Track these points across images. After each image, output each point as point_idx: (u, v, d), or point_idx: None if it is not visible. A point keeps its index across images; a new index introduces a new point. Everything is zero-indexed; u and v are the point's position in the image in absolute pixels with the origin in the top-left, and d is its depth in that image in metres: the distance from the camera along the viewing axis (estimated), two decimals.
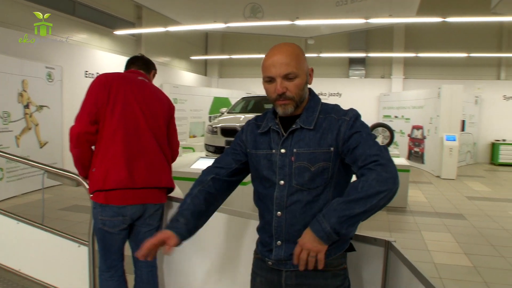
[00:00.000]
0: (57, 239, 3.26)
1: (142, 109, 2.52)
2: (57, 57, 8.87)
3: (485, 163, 14.46)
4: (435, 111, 11.36)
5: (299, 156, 1.61)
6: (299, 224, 1.60)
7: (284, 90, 1.58)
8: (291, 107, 1.62)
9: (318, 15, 10.08)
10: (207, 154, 7.77)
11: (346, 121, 1.59)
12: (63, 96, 8.79)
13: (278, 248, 1.66)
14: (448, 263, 4.63)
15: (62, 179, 3.03)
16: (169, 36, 14.41)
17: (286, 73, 1.57)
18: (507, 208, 7.38)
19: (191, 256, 2.69)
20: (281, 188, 1.63)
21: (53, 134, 8.49)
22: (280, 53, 1.59)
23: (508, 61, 14.93)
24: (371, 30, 14.92)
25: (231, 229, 2.47)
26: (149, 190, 2.50)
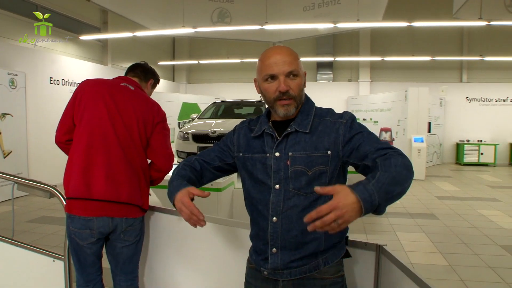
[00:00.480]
0: (30, 254, 3.06)
1: (112, 118, 2.36)
2: (20, 63, 8.53)
3: (451, 163, 14.86)
4: (402, 114, 11.58)
5: (295, 160, 1.56)
6: (296, 230, 1.55)
7: (287, 88, 1.54)
8: (293, 107, 1.58)
9: (286, 19, 10.13)
10: (178, 160, 7.63)
11: (343, 123, 1.57)
12: (27, 103, 8.45)
13: (273, 256, 1.60)
14: (426, 263, 4.68)
15: (34, 190, 2.86)
16: (136, 42, 14.18)
17: (290, 71, 1.55)
18: (475, 207, 7.56)
19: (174, 267, 2.58)
20: (277, 192, 1.58)
21: (17, 143, 8.14)
22: (282, 52, 1.57)
23: (469, 64, 15.44)
24: (338, 34, 15.14)
25: (216, 238, 2.39)
26: (115, 204, 2.31)
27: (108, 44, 12.83)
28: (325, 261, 1.58)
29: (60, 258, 2.86)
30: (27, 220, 6.31)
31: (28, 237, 5.41)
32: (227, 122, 7.79)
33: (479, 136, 14.60)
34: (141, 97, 2.57)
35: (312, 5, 10.30)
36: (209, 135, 7.35)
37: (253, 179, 1.67)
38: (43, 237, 5.45)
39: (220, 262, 2.38)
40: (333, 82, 16.59)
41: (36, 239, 5.35)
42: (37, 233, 5.68)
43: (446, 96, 14.77)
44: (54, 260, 2.90)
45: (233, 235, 2.27)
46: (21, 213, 6.72)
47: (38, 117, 8.58)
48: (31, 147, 8.42)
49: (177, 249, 2.59)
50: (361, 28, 12.58)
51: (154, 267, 2.72)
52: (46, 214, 6.59)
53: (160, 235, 2.68)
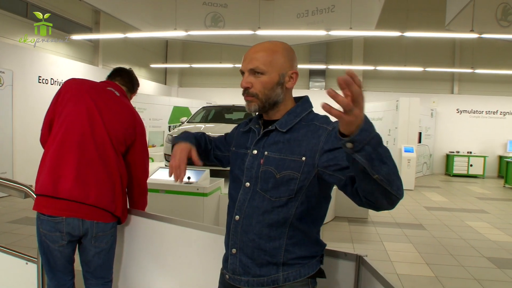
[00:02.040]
0: (2, 257, 2.96)
1: (91, 118, 2.29)
2: (8, 61, 8.38)
3: (440, 174, 14.89)
4: (393, 123, 11.59)
5: (268, 160, 1.48)
6: (252, 233, 1.48)
7: (248, 85, 1.49)
8: (255, 105, 1.51)
9: (279, 25, 10.12)
10: (166, 164, 7.53)
11: (327, 130, 1.44)
12: (14, 102, 8.31)
13: (233, 256, 1.53)
14: (411, 274, 4.62)
15: (8, 190, 2.78)
16: (128, 43, 14.08)
17: (252, 68, 1.48)
18: (463, 218, 7.54)
19: (151, 273, 2.50)
20: (246, 190, 1.52)
21: (2, 142, 7.99)
22: (256, 47, 1.52)
23: (460, 76, 15.53)
24: (331, 42, 15.18)
25: (195, 244, 2.31)
26: (83, 206, 2.21)
27: (99, 45, 12.72)
28: (286, 277, 1.47)
29: (33, 260, 2.77)
30: (9, 221, 6.18)
31: (8, 238, 5.29)
32: (217, 127, 7.71)
33: (469, 148, 14.66)
34: (126, 105, 2.52)
35: (305, 12, 10.31)
36: None
37: (232, 175, 1.63)
38: (25, 238, 5.33)
39: (198, 268, 2.30)
40: (325, 90, 16.55)
41: (16, 240, 5.23)
42: (18, 234, 5.55)
43: (437, 107, 14.84)
44: (27, 262, 2.81)
45: (213, 242, 2.18)
46: (4, 214, 6.59)
47: (25, 116, 8.43)
48: (17, 147, 8.28)
49: (154, 254, 2.51)
50: (354, 37, 12.60)
51: (130, 272, 2.63)
52: (29, 215, 6.45)
53: (137, 240, 2.60)
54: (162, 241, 2.47)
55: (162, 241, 2.47)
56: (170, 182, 5.27)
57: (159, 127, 13.60)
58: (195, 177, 5.30)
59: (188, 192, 5.08)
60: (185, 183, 5.13)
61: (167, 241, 2.45)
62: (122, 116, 2.43)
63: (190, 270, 2.33)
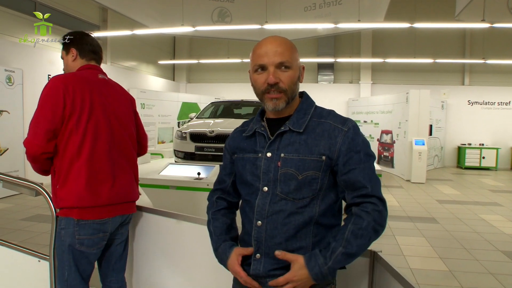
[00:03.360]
0: (14, 254, 2.96)
1: (110, 122, 2.26)
2: (18, 60, 8.45)
3: (452, 166, 14.74)
4: (403, 116, 11.48)
5: (286, 162, 1.44)
6: (280, 237, 1.45)
7: (277, 80, 1.43)
8: (282, 102, 1.46)
9: (287, 19, 10.05)
10: (176, 160, 7.53)
11: (344, 131, 1.45)
12: (24, 100, 8.38)
13: (256, 262, 1.50)
14: (424, 268, 4.57)
15: (20, 188, 2.77)
16: (135, 40, 14.10)
17: (281, 61, 1.43)
18: (476, 211, 7.45)
19: (163, 270, 2.49)
20: (264, 195, 1.48)
21: (13, 141, 8.05)
22: (275, 41, 1.46)
23: (471, 67, 15.32)
24: (339, 35, 15.07)
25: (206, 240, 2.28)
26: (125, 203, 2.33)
27: (107, 42, 12.74)
28: None
29: (45, 258, 2.76)
30: (21, 218, 6.23)
31: (20, 235, 5.34)
32: (226, 122, 7.68)
33: (481, 140, 14.48)
34: (118, 86, 2.50)
35: (313, 5, 10.22)
36: (207, 135, 7.24)
37: (243, 181, 1.58)
38: (37, 236, 5.37)
39: (210, 264, 2.27)
40: (334, 84, 16.48)
41: (29, 237, 5.27)
42: (30, 231, 5.59)
43: (448, 99, 14.65)
44: (40, 260, 2.81)
45: None
46: (16, 211, 6.64)
47: None
48: None
49: (165, 251, 2.50)
50: (362, 29, 12.49)
51: (142, 269, 2.62)
52: (41, 213, 6.50)
53: (148, 237, 2.58)
54: (173, 237, 2.45)
55: (173, 237, 2.45)
56: (180, 178, 5.26)
57: (168, 123, 13.64)
58: (205, 173, 5.29)
59: (198, 188, 5.06)
60: (195, 179, 5.11)
61: (178, 237, 2.43)
62: (123, 101, 2.44)
63: (201, 267, 2.31)
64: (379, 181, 1.45)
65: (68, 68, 2.37)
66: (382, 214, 1.40)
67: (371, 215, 1.37)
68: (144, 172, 5.67)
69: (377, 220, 1.38)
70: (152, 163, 7.03)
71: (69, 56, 2.33)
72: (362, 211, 1.38)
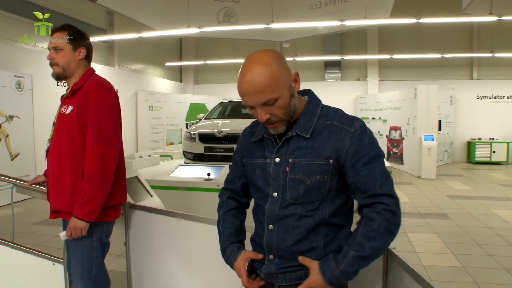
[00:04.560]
0: (29, 257, 3.00)
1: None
2: (27, 65, 8.53)
3: (462, 161, 14.64)
4: (411, 112, 11.42)
5: (294, 167, 1.45)
6: (292, 240, 1.47)
7: (268, 116, 1.40)
8: (282, 127, 1.46)
9: (292, 18, 10.04)
10: (185, 161, 7.56)
11: (350, 133, 1.42)
12: (34, 105, 8.45)
13: (270, 262, 1.53)
14: (437, 265, 4.55)
15: (32, 192, 2.82)
16: (142, 43, 14.16)
17: (263, 102, 1.37)
18: (488, 206, 7.40)
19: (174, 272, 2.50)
20: (274, 200, 1.49)
21: (24, 146, 8.14)
22: (252, 81, 1.35)
23: (479, 61, 15.19)
24: (345, 33, 15.02)
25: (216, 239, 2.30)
26: None
27: (114, 46, 12.82)
28: None
29: (59, 261, 2.80)
30: (34, 222, 6.29)
31: (34, 239, 5.39)
32: (234, 122, 7.70)
33: (491, 134, 14.35)
34: None
35: (318, 3, 10.20)
36: (216, 136, 7.26)
37: (254, 185, 1.59)
38: (49, 239, 5.42)
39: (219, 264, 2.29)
40: (341, 81, 16.44)
41: (42, 241, 5.32)
42: (42, 234, 5.65)
43: (456, 93, 14.56)
44: (54, 263, 2.85)
45: None
46: (28, 215, 6.70)
47: (45, 119, 8.54)
48: (39, 149, 8.41)
49: (176, 252, 2.51)
50: (368, 26, 12.46)
51: (153, 270, 2.64)
52: None
53: (158, 238, 2.60)
54: (184, 238, 2.47)
55: (184, 238, 2.47)
56: (190, 179, 5.28)
57: (177, 124, 13.69)
58: (215, 174, 5.30)
59: (208, 188, 5.07)
60: (205, 180, 5.13)
61: (189, 238, 2.44)
62: None
63: (213, 266, 2.32)
64: (390, 178, 1.43)
65: (67, 63, 2.27)
66: (394, 213, 1.37)
67: (383, 215, 1.36)
68: (154, 174, 5.70)
69: (389, 220, 1.36)
70: (161, 165, 7.06)
71: (76, 53, 2.29)
72: (372, 212, 1.38)
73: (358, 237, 1.37)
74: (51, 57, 2.25)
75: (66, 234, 2.18)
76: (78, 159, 2.20)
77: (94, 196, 2.14)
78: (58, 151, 2.24)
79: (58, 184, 2.24)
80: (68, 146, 2.21)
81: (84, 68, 2.34)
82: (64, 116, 2.23)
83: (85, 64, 2.36)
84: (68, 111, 2.22)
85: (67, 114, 2.22)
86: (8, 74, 7.84)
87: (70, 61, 2.28)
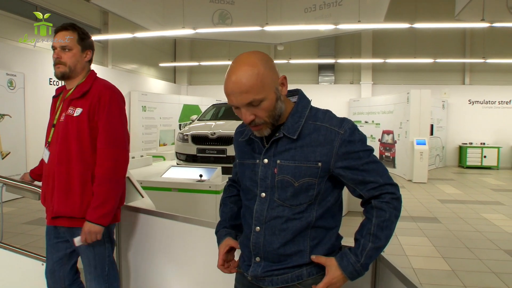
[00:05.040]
0: (17, 257, 2.98)
1: None
2: (19, 63, 8.48)
3: (453, 166, 14.75)
4: (404, 116, 11.49)
5: (282, 169, 1.45)
6: (278, 242, 1.47)
7: (252, 118, 1.40)
8: (266, 129, 1.45)
9: (287, 21, 10.07)
10: (178, 162, 7.56)
11: (340, 135, 1.42)
12: (26, 104, 8.40)
13: (256, 264, 1.53)
14: (427, 268, 4.57)
15: (23, 192, 2.79)
16: (136, 43, 14.13)
17: (249, 102, 1.37)
18: (478, 210, 7.46)
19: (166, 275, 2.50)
20: (262, 201, 1.49)
21: (16, 144, 8.09)
22: (239, 81, 1.34)
23: (472, 67, 15.33)
24: (339, 36, 15.08)
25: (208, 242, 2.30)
26: None
27: (108, 45, 12.78)
28: (309, 271, 1.49)
29: None
30: (24, 222, 6.25)
31: (24, 239, 5.35)
32: (227, 124, 7.71)
33: (482, 139, 14.48)
34: None
35: (313, 6, 10.24)
36: (209, 137, 7.27)
37: (243, 187, 1.61)
38: (39, 239, 5.38)
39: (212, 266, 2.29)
40: (334, 84, 16.49)
41: (32, 241, 5.29)
42: (33, 235, 5.61)
43: (449, 98, 14.68)
44: (43, 263, 2.83)
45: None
46: (18, 215, 6.66)
47: (37, 118, 8.51)
48: (30, 148, 8.36)
49: (168, 254, 2.51)
50: (362, 30, 12.50)
51: (145, 273, 2.64)
52: (44, 216, 6.50)
53: (149, 240, 2.60)
54: (176, 240, 2.46)
55: (176, 240, 2.46)
56: (182, 180, 5.28)
57: (170, 125, 13.67)
58: (207, 175, 5.30)
59: (200, 190, 5.08)
60: (197, 181, 5.13)
61: (180, 240, 2.44)
62: None
63: (205, 268, 2.33)
64: (385, 168, 1.48)
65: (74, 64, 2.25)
66: (399, 199, 1.46)
67: (391, 204, 1.43)
68: (146, 174, 5.70)
69: (397, 207, 1.44)
70: (154, 166, 7.06)
71: (83, 54, 2.28)
72: (382, 203, 1.43)
73: (373, 228, 1.41)
74: (58, 55, 2.22)
75: (81, 239, 2.14)
76: (87, 162, 2.18)
77: (107, 199, 2.14)
78: (66, 154, 2.17)
79: (64, 188, 2.17)
80: (77, 149, 2.17)
81: (87, 70, 2.33)
82: (72, 118, 2.18)
83: (88, 66, 2.35)
84: (76, 113, 2.18)
85: (76, 116, 2.17)
86: (0, 72, 7.79)
87: (78, 62, 2.26)
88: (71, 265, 2.38)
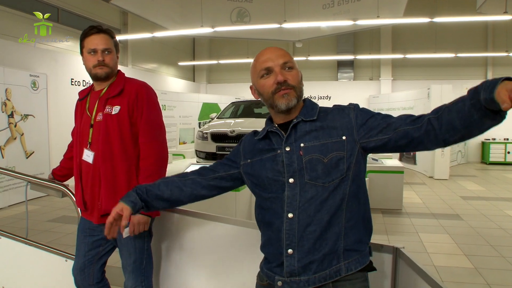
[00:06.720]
0: (42, 254, 3.07)
1: None
2: (42, 65, 8.66)
3: (476, 162, 14.48)
4: (425, 112, 11.24)
5: (308, 150, 1.48)
6: (314, 225, 1.44)
7: (285, 78, 1.51)
8: (294, 98, 1.52)
9: (305, 18, 10.04)
10: (198, 160, 7.62)
11: (351, 109, 1.55)
12: (49, 104, 8.57)
13: (290, 258, 1.47)
14: (449, 265, 4.53)
15: (46, 189, 2.87)
16: (155, 42, 14.27)
17: (284, 62, 1.53)
18: (502, 207, 7.32)
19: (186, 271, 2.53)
20: (292, 186, 1.48)
21: (39, 144, 8.26)
22: (274, 48, 1.58)
23: (494, 61, 15.02)
24: (358, 32, 14.95)
25: (229, 238, 2.32)
26: None
27: (128, 45, 12.95)
28: (348, 266, 1.45)
29: (72, 257, 2.84)
30: (48, 220, 6.38)
31: (48, 236, 5.47)
32: (246, 122, 7.74)
33: (506, 135, 14.16)
34: None
35: (331, 2, 10.21)
36: (228, 135, 7.31)
37: (263, 181, 1.57)
38: (63, 237, 5.50)
39: (232, 263, 2.31)
40: (354, 81, 16.39)
41: (56, 238, 5.40)
42: (56, 232, 5.73)
43: None
44: (67, 260, 2.90)
45: (247, 236, 2.16)
46: (42, 213, 6.80)
47: (60, 118, 8.67)
48: (53, 148, 8.53)
49: (188, 251, 2.54)
50: (381, 25, 12.40)
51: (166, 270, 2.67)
52: (67, 214, 6.65)
53: (170, 237, 2.63)
54: (196, 237, 2.48)
55: (196, 237, 2.48)
56: None
57: (189, 124, 13.76)
58: None
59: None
60: None
61: (201, 237, 2.46)
62: None
63: (224, 265, 2.35)
64: None
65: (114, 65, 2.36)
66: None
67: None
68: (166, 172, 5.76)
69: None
70: (174, 164, 7.13)
71: (117, 55, 2.40)
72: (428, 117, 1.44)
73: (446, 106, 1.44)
74: (103, 58, 2.29)
75: (129, 230, 2.20)
76: (130, 158, 2.28)
77: None
78: (110, 152, 2.24)
79: (111, 186, 2.25)
80: (120, 146, 2.24)
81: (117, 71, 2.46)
82: (112, 116, 2.24)
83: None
84: (115, 111, 2.25)
85: (115, 114, 2.25)
86: (24, 74, 7.96)
87: (116, 63, 2.38)
88: (101, 263, 2.43)
